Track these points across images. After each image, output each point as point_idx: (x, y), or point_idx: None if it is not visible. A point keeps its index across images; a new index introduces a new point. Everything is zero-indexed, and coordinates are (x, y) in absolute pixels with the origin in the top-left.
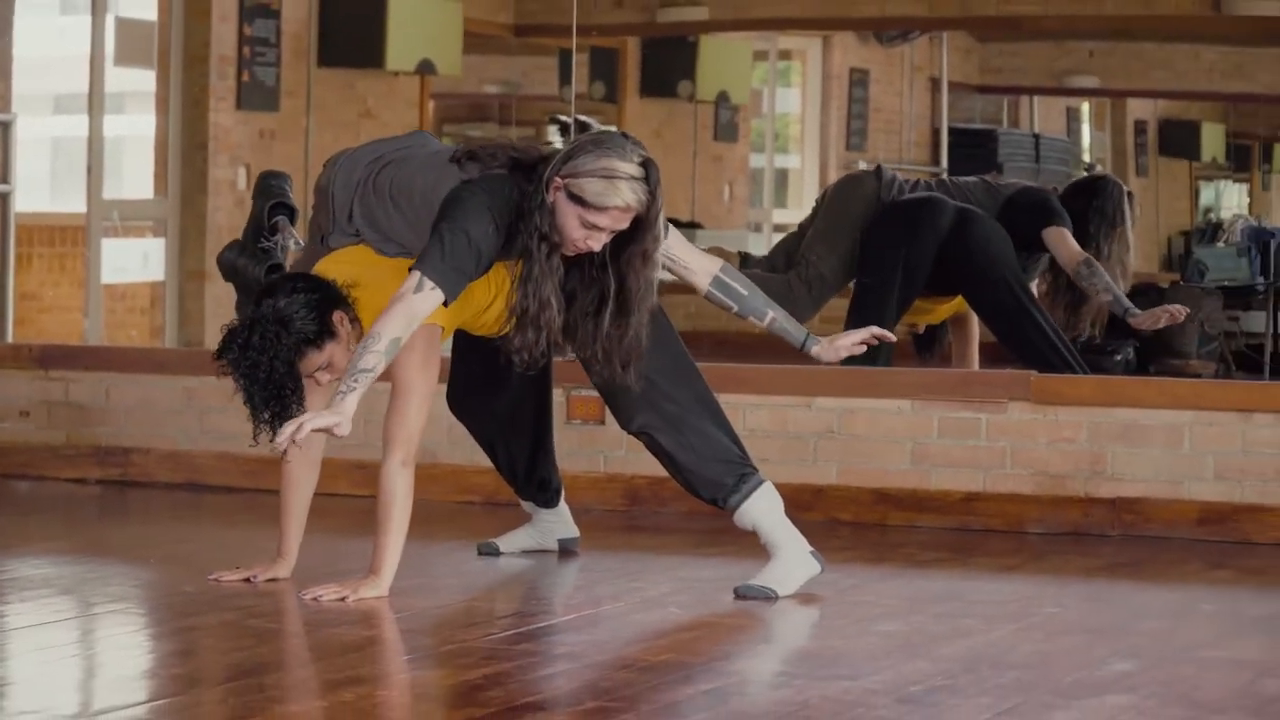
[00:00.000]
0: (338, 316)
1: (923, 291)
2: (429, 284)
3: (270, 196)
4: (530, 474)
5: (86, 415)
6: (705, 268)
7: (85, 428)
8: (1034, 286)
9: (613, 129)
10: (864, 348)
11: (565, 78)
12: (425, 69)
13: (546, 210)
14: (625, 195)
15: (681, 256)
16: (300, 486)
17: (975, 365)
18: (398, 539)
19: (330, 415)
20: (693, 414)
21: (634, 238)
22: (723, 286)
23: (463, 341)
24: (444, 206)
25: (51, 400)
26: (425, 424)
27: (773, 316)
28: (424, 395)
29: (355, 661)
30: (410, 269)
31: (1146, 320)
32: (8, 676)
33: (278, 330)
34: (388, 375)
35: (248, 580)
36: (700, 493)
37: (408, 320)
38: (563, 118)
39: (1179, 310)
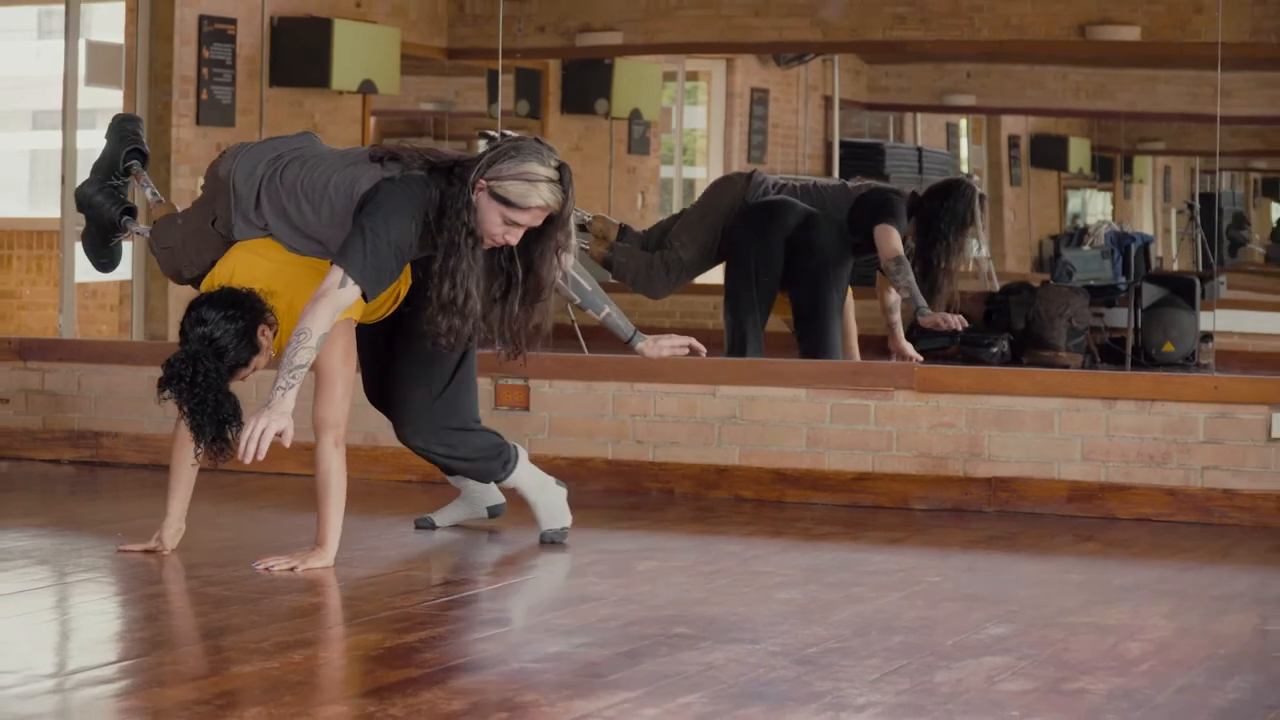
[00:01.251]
0: (261, 329)
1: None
2: (351, 281)
3: (126, 141)
4: None
5: (61, 402)
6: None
7: (59, 413)
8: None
9: (528, 136)
10: (685, 350)
11: (493, 96)
12: (367, 88)
13: (472, 208)
14: (545, 196)
15: None
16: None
17: (857, 356)
18: (338, 514)
19: (278, 418)
20: (461, 426)
21: (546, 232)
22: (572, 281)
23: (362, 337)
24: (366, 202)
25: (29, 388)
26: (350, 408)
27: (607, 312)
28: (348, 382)
29: (303, 625)
30: (333, 264)
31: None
32: None
33: (215, 365)
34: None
35: (150, 551)
36: (480, 481)
37: (333, 315)
38: (491, 133)
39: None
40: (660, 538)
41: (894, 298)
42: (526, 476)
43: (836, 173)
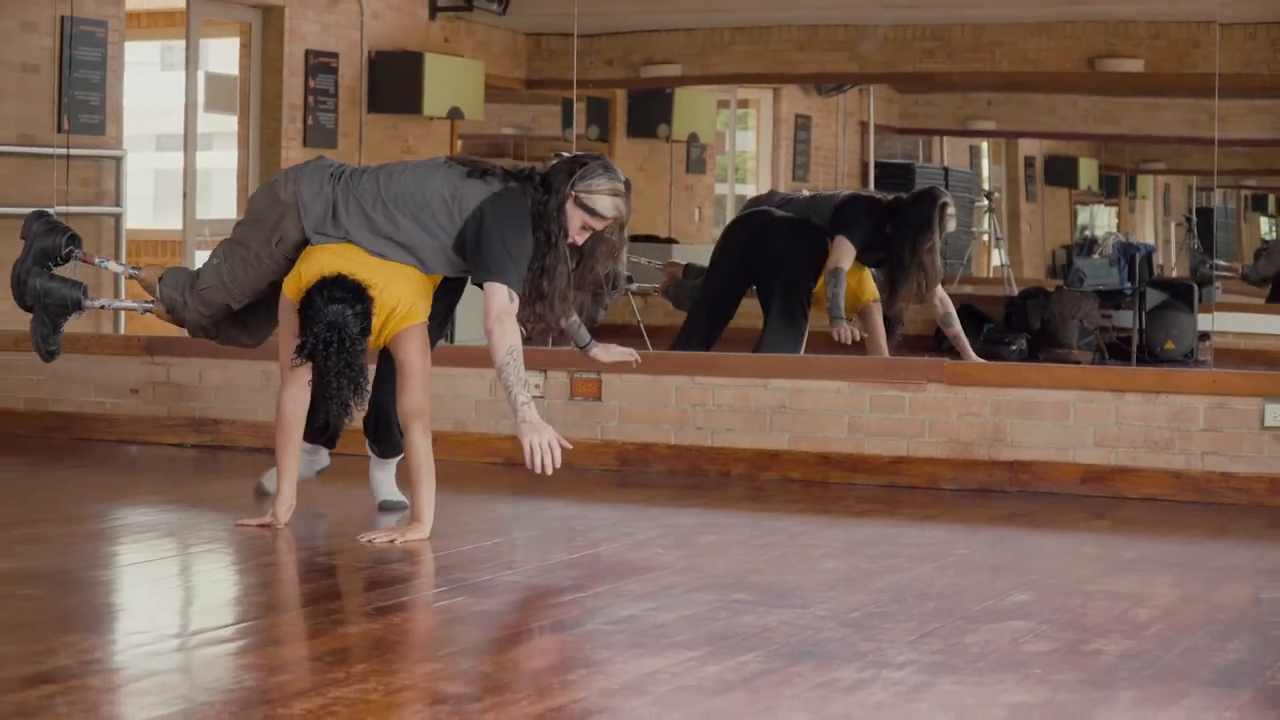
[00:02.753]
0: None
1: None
2: (512, 293)
3: (58, 229)
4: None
5: (183, 393)
6: None
7: (182, 403)
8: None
9: (599, 154)
10: (630, 359)
11: (567, 121)
12: (455, 115)
13: (564, 214)
14: (620, 208)
15: None
16: (298, 434)
17: (886, 354)
18: (430, 492)
19: (547, 428)
20: None
21: (605, 235)
22: None
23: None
24: (493, 216)
25: (156, 381)
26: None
27: (573, 320)
28: (427, 376)
29: (402, 590)
30: (491, 282)
31: (833, 331)
32: (122, 604)
33: (352, 335)
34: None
35: (265, 526)
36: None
37: (516, 325)
38: (565, 154)
39: (850, 336)
40: (718, 514)
41: (941, 311)
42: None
43: (872, 190)
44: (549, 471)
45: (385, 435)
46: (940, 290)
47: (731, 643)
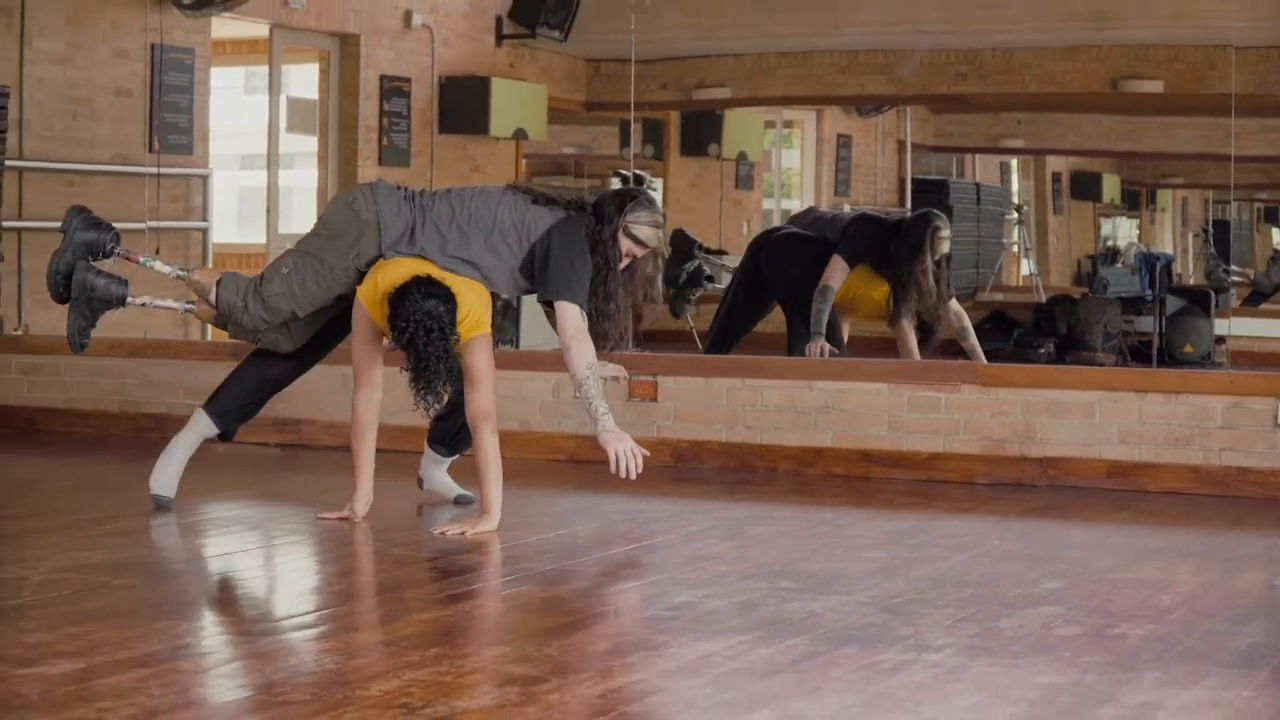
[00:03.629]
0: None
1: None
2: (581, 310)
3: (102, 226)
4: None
5: None
6: None
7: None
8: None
9: (641, 188)
10: (620, 373)
11: (624, 141)
12: (520, 135)
13: (617, 242)
14: (660, 238)
15: None
16: (371, 433)
17: (917, 356)
18: (497, 487)
19: (626, 437)
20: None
21: (643, 261)
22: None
23: None
24: (560, 241)
25: None
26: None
27: None
28: (493, 380)
29: (471, 580)
30: (563, 301)
31: (809, 348)
32: (210, 592)
33: (448, 326)
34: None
35: (343, 519)
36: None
37: (591, 343)
38: (623, 172)
39: (820, 351)
40: (767, 507)
41: (957, 325)
42: None
43: (909, 205)
44: (633, 476)
45: (462, 434)
46: (955, 305)
47: (780, 627)
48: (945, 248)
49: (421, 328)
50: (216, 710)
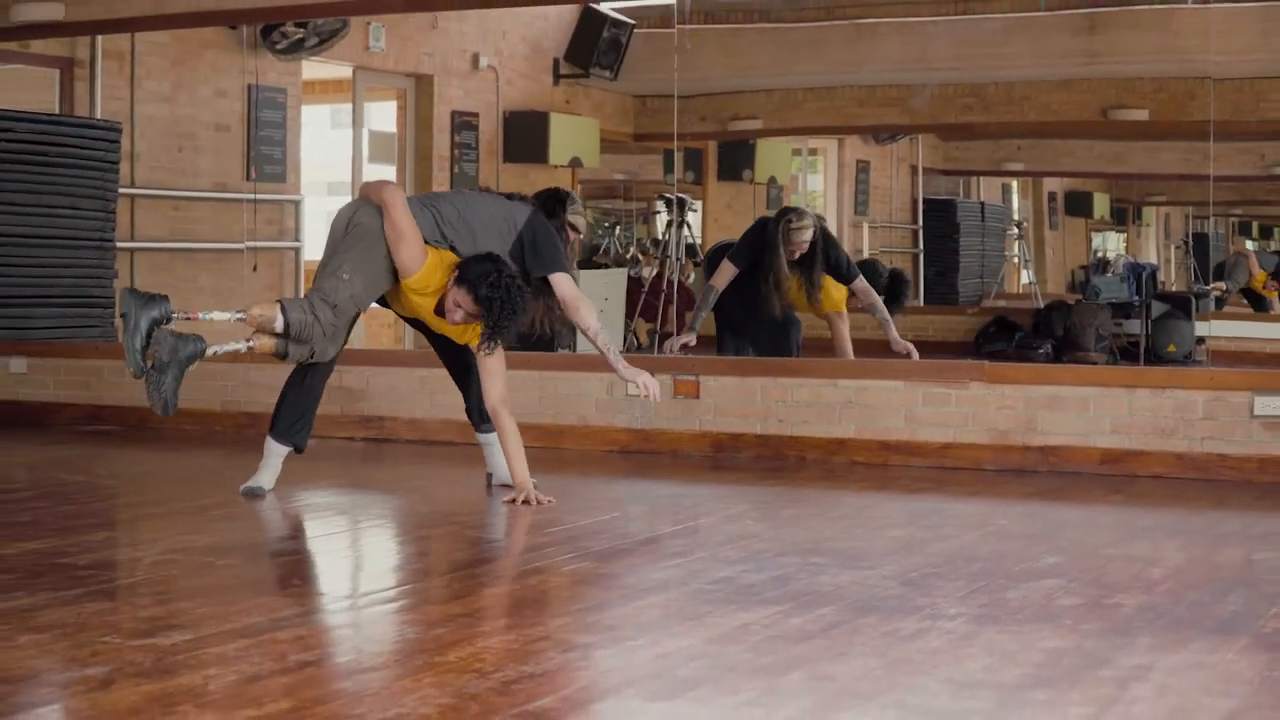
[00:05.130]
0: None
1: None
2: (574, 279)
3: (158, 300)
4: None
5: (354, 395)
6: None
7: (353, 403)
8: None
9: (563, 188)
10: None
11: (668, 168)
12: (575, 163)
13: (564, 228)
14: (585, 225)
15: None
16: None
17: (850, 356)
18: (522, 461)
19: (644, 371)
20: None
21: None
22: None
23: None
24: (542, 227)
25: (330, 385)
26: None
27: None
28: (505, 371)
29: (535, 558)
30: (557, 274)
31: (675, 342)
32: (304, 571)
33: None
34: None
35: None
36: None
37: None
38: (667, 195)
39: (681, 343)
40: (797, 491)
41: (865, 301)
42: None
43: (920, 222)
44: (657, 398)
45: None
46: (860, 284)
47: (810, 599)
48: (802, 237)
49: (504, 275)
50: (311, 676)
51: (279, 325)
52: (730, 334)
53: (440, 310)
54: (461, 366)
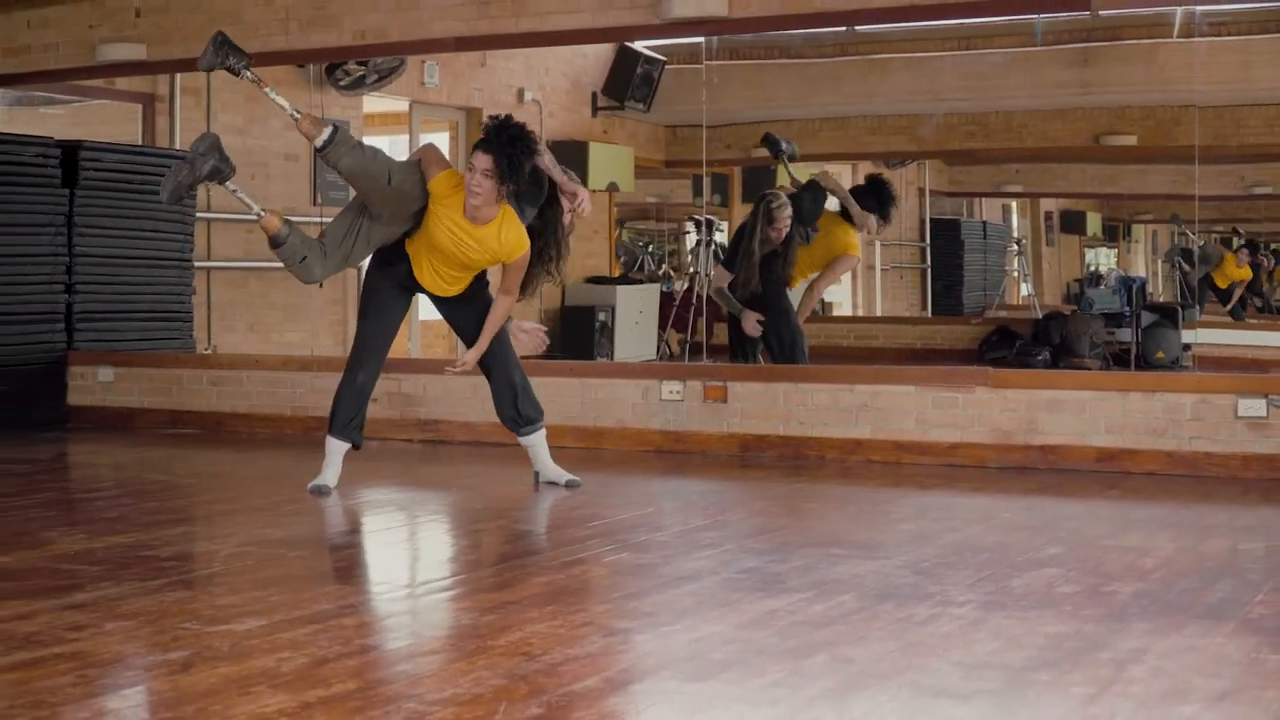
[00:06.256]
0: None
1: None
2: None
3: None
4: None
5: (411, 400)
6: None
7: (411, 408)
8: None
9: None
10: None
11: (697, 191)
12: (612, 188)
13: None
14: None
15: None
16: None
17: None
18: (490, 334)
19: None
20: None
21: None
22: None
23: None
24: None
25: (390, 391)
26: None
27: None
28: (514, 305)
29: (579, 549)
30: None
31: (747, 322)
32: (367, 561)
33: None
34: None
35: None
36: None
37: None
38: (696, 217)
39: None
40: (818, 488)
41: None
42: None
43: (927, 239)
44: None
45: (524, 406)
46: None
47: (831, 587)
48: (784, 213)
49: (511, 125)
50: (374, 659)
51: (319, 141)
52: (738, 338)
53: (466, 214)
54: (485, 362)
